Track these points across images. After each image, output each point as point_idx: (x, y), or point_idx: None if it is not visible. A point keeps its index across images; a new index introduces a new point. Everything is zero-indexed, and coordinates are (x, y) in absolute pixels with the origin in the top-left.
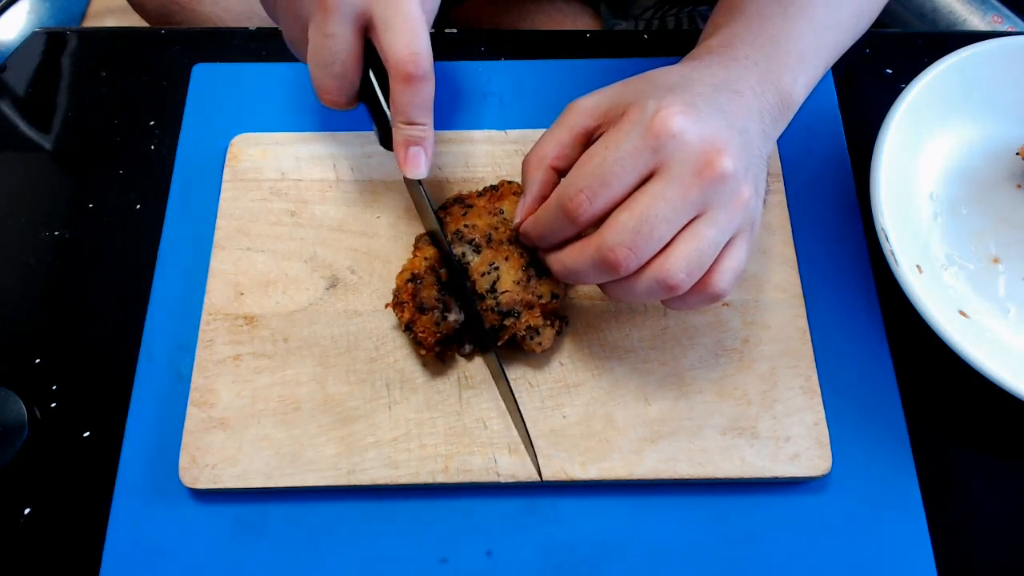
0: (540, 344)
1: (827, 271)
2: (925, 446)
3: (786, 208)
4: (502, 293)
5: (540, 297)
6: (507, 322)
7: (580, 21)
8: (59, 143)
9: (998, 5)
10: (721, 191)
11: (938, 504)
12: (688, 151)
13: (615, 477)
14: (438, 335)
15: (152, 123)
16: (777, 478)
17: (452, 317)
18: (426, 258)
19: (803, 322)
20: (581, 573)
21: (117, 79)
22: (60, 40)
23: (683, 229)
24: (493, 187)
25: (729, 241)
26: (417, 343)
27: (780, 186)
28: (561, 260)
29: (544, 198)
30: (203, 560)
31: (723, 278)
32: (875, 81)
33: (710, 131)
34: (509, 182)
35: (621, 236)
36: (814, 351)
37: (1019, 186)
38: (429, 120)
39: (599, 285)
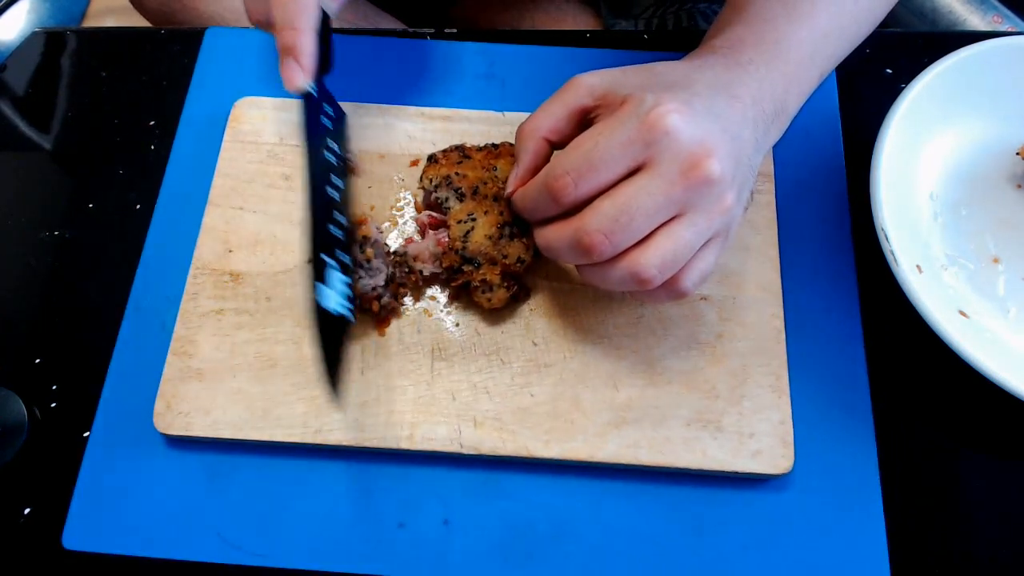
0: (490, 300)
1: (810, 273)
2: (924, 446)
3: (774, 208)
4: (472, 242)
5: (505, 257)
6: (465, 268)
7: (580, 20)
8: (59, 143)
9: (998, 5)
10: (705, 194)
11: (937, 505)
12: (678, 150)
13: (577, 458)
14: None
15: (152, 123)
16: (737, 473)
17: (364, 282)
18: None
19: (779, 322)
20: (536, 549)
21: (117, 79)
22: (60, 40)
23: (662, 226)
24: (494, 145)
25: (703, 244)
26: None
27: (770, 186)
28: (543, 235)
29: (535, 169)
30: (170, 504)
31: (690, 278)
32: (875, 81)
33: (702, 133)
34: (510, 144)
35: (600, 222)
36: (788, 352)
37: (1019, 186)
38: (300, 26)
39: (577, 267)
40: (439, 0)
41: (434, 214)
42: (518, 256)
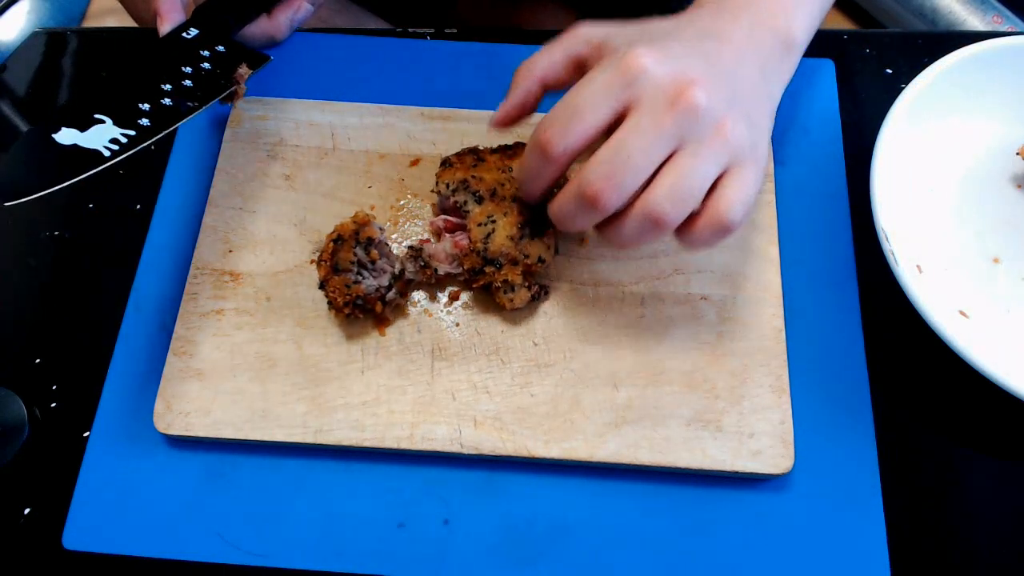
0: (511, 301)
1: (810, 273)
2: (924, 446)
3: (774, 208)
4: (493, 243)
5: (527, 257)
6: (487, 269)
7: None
8: None
9: (998, 5)
10: (696, 123)
11: (937, 505)
12: (657, 85)
13: (576, 458)
14: (348, 297)
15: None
16: (737, 473)
17: (368, 283)
18: (355, 222)
19: (779, 322)
20: (536, 549)
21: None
22: (60, 40)
23: (664, 164)
24: (506, 146)
25: (726, 173)
26: (328, 302)
27: (770, 186)
28: (552, 207)
29: (523, 104)
30: (170, 504)
31: (730, 208)
32: (875, 81)
33: (680, 68)
34: (523, 144)
35: (599, 169)
36: (788, 352)
37: (1019, 186)
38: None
39: (599, 233)
40: (430, 2)
41: (450, 218)
42: (539, 255)
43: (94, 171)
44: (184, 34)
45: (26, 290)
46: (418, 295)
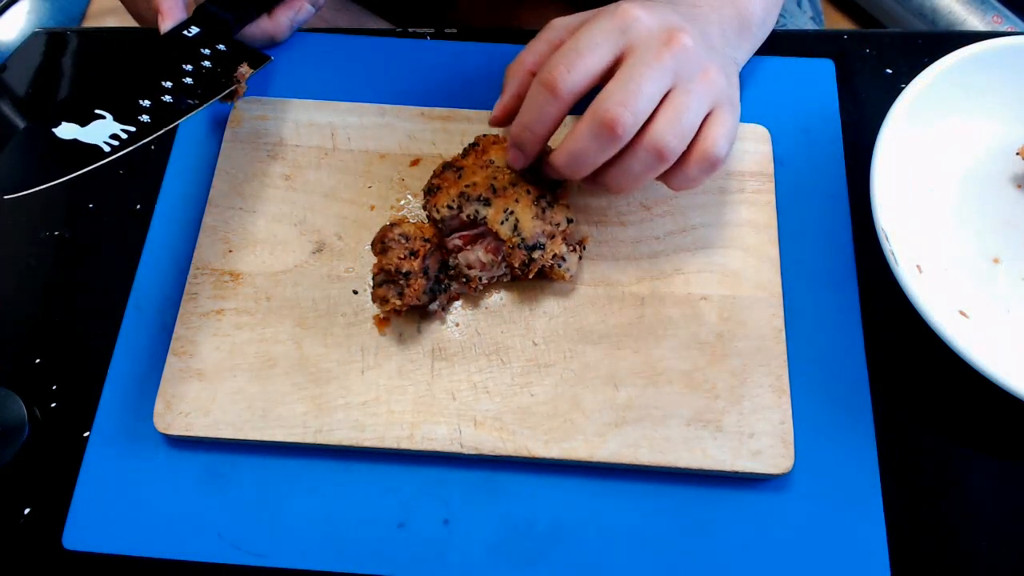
0: (568, 270)
1: (810, 273)
2: (924, 446)
3: (774, 208)
4: (524, 230)
5: (558, 225)
6: (535, 255)
7: None
8: None
9: (998, 5)
10: (689, 62)
11: (937, 505)
12: (650, 31)
13: (576, 458)
14: (416, 302)
15: None
16: (737, 473)
17: (427, 297)
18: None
19: (779, 322)
20: (536, 549)
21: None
22: (60, 40)
23: (662, 100)
24: (473, 144)
25: (711, 113)
26: (397, 294)
27: (770, 186)
28: (563, 147)
29: (520, 96)
30: (170, 504)
31: (716, 143)
32: (875, 81)
33: (667, 19)
34: (485, 135)
35: (614, 96)
36: (788, 352)
37: (1019, 186)
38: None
39: (601, 179)
40: (431, 2)
41: (465, 233)
42: (565, 217)
43: (93, 166)
44: (185, 32)
45: (26, 290)
46: None
